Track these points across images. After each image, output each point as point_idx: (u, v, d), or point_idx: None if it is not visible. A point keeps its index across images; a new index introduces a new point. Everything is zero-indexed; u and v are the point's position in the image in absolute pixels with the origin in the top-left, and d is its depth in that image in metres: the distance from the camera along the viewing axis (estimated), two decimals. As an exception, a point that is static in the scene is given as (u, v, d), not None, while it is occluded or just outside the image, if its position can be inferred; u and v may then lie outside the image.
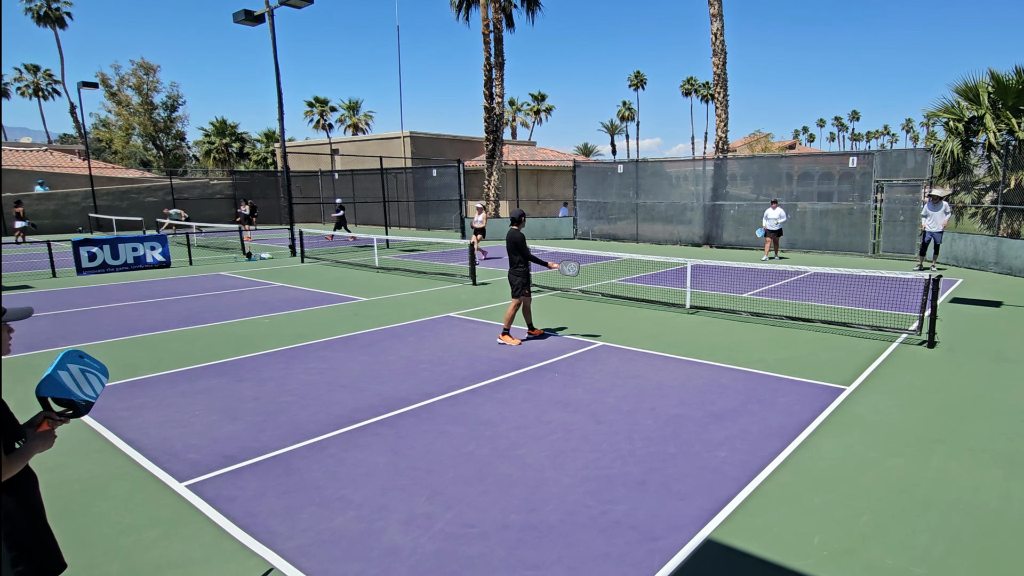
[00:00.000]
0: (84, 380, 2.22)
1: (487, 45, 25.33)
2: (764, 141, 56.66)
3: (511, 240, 7.74)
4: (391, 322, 9.18)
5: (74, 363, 2.21)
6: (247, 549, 3.40)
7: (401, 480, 4.18)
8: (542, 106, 71.44)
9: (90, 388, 2.24)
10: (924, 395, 5.77)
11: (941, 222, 13.42)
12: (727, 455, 4.50)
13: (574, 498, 3.90)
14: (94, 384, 2.26)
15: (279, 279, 13.99)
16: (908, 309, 9.32)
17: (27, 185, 30.50)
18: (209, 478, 4.25)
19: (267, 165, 48.51)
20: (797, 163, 19.94)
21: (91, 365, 2.26)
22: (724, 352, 7.29)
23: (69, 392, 2.16)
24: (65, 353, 2.22)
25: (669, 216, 21.42)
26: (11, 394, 6.09)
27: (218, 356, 7.40)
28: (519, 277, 7.76)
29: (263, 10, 17.95)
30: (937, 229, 13.49)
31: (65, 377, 2.16)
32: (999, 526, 3.54)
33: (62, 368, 2.16)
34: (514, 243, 7.72)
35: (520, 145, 42.06)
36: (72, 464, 4.53)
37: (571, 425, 5.10)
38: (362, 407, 5.58)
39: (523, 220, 7.91)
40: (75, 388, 2.19)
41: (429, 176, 27.16)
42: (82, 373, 2.22)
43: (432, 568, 3.20)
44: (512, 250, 7.74)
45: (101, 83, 43.11)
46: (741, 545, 3.38)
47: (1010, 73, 14.81)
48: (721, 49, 22.45)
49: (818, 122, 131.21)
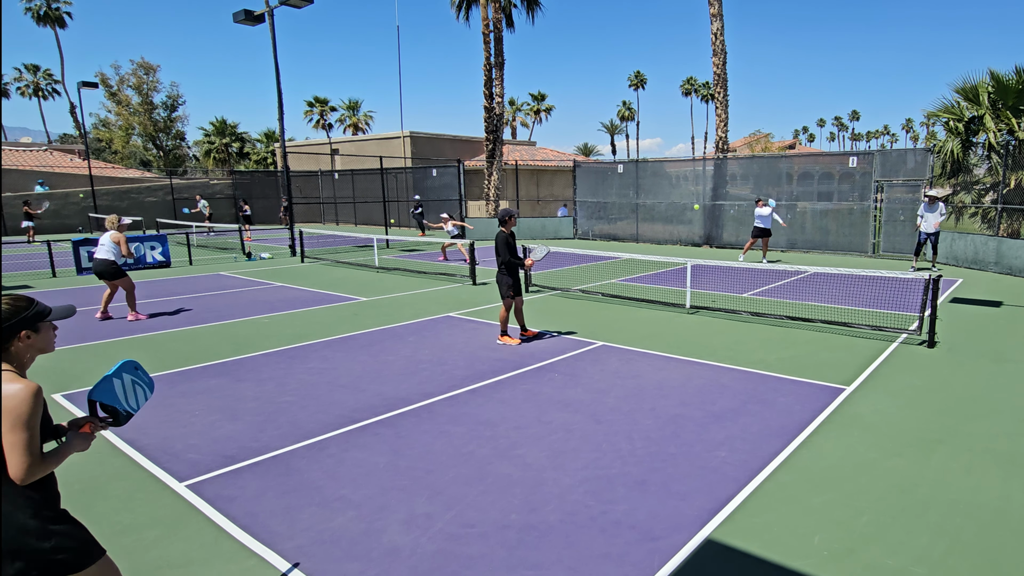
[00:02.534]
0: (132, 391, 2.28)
1: (487, 45, 25.34)
2: (764, 141, 56.69)
3: (495, 242, 7.67)
4: (391, 322, 9.18)
5: (129, 373, 2.27)
6: (247, 549, 3.40)
7: (401, 480, 4.18)
8: (542, 106, 71.47)
9: (135, 400, 2.30)
10: (924, 395, 5.77)
11: (934, 222, 13.32)
12: (727, 455, 4.50)
13: (574, 498, 3.90)
14: (139, 397, 2.32)
15: (279, 279, 13.99)
16: (908, 309, 9.32)
17: (27, 185, 30.49)
18: (209, 478, 4.25)
19: (267, 165, 48.51)
20: (797, 163, 19.92)
21: (142, 379, 2.34)
22: (724, 352, 7.29)
23: (116, 400, 2.21)
24: (123, 363, 2.28)
25: (669, 216, 21.42)
26: (11, 394, 6.10)
27: (218, 356, 7.40)
28: (505, 278, 7.65)
29: (263, 10, 17.94)
30: (931, 230, 13.41)
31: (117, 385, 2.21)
32: (999, 526, 3.54)
33: (117, 376, 2.22)
34: (496, 246, 7.66)
35: (520, 145, 42.06)
36: (71, 464, 4.51)
37: (571, 425, 5.10)
38: (362, 407, 5.58)
39: (510, 221, 7.66)
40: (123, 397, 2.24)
41: (429, 176, 27.15)
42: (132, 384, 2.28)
43: (432, 568, 3.20)
44: (496, 252, 7.69)
45: (101, 83, 43.10)
46: (741, 545, 3.38)
47: (1010, 73, 14.81)
48: (721, 49, 22.45)
49: (818, 122, 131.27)
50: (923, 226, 13.53)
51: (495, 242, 7.69)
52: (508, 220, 7.68)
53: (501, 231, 7.65)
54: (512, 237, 7.69)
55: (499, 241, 7.62)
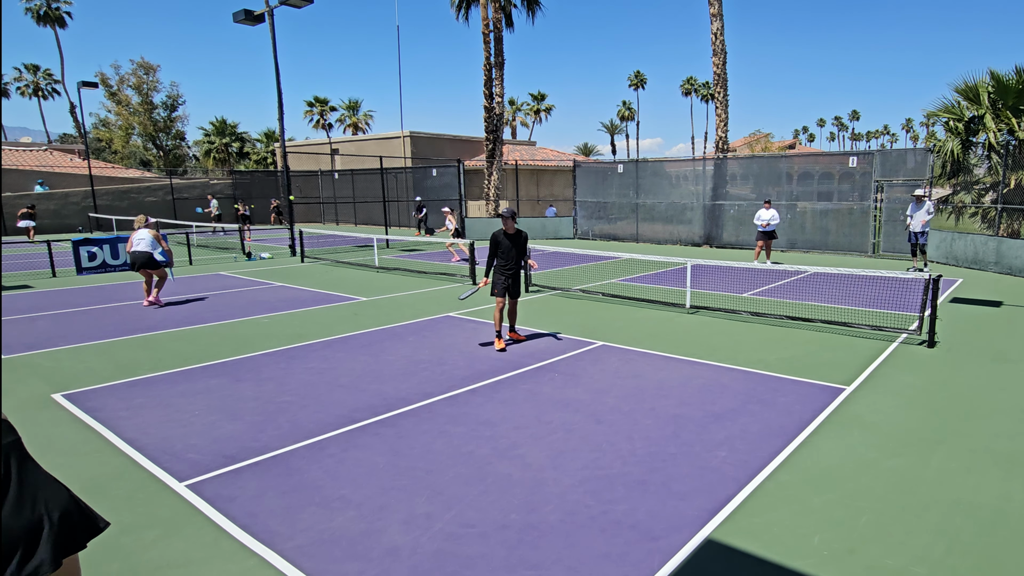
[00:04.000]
0: None
1: (487, 45, 25.34)
2: (764, 141, 56.72)
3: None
4: (391, 322, 9.18)
5: None
6: (247, 549, 3.40)
7: (401, 480, 4.18)
8: (542, 106, 71.48)
9: None
10: (924, 395, 5.77)
11: (920, 220, 13.18)
12: (727, 455, 4.50)
13: (574, 498, 3.90)
14: None
15: (279, 279, 13.99)
16: (908, 309, 9.32)
17: (27, 185, 30.49)
18: (209, 478, 4.25)
19: (267, 165, 48.53)
20: (797, 163, 19.93)
21: None
22: (724, 352, 7.29)
23: None
24: None
25: (669, 216, 21.42)
26: (12, 393, 6.09)
27: (218, 356, 7.40)
28: (496, 277, 7.50)
29: (263, 10, 17.94)
30: (918, 229, 13.28)
31: None
32: (999, 526, 3.54)
33: None
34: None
35: (520, 145, 42.06)
36: (72, 464, 4.52)
37: (571, 425, 5.10)
38: (362, 407, 5.58)
39: (506, 221, 7.44)
40: None
41: (429, 176, 27.16)
42: None
43: (432, 568, 3.20)
44: None
45: (101, 83, 43.13)
46: (741, 545, 3.38)
47: (1010, 73, 14.82)
48: (721, 49, 22.45)
49: (818, 122, 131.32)
50: (911, 225, 13.43)
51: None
52: (504, 219, 7.49)
53: (499, 230, 7.59)
54: (507, 236, 7.47)
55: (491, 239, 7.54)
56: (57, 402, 5.83)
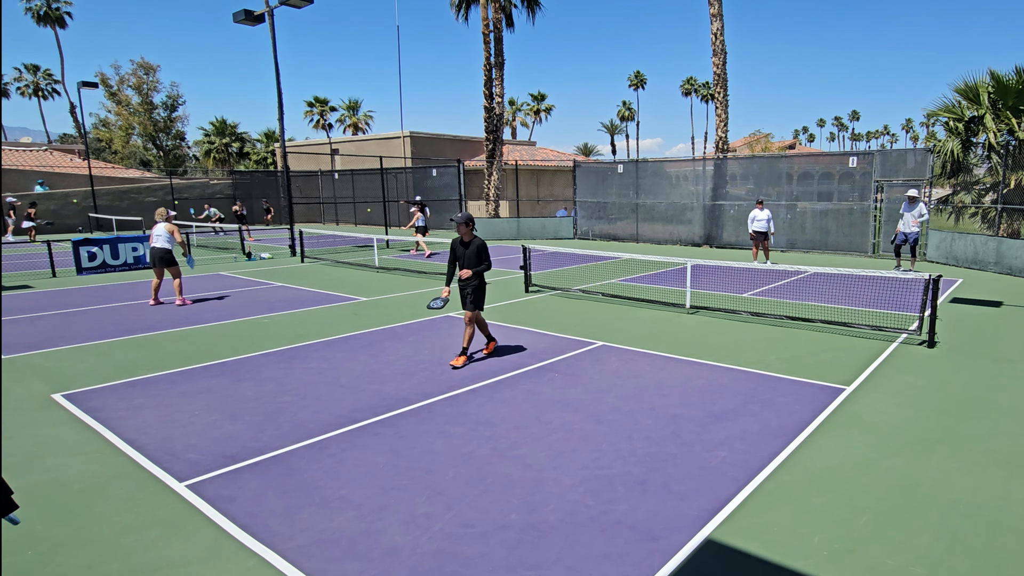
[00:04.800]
0: None
1: (487, 45, 25.35)
2: (764, 141, 56.70)
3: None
4: (391, 322, 9.18)
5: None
6: (247, 549, 3.40)
7: (401, 480, 4.18)
8: (542, 106, 71.48)
9: None
10: (924, 395, 5.77)
11: (911, 221, 13.03)
12: (727, 455, 4.50)
13: (574, 498, 3.90)
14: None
15: (279, 279, 13.99)
16: (908, 309, 9.32)
17: (27, 185, 30.49)
18: (209, 478, 4.25)
19: (267, 165, 48.52)
20: (797, 163, 19.92)
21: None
22: (724, 352, 7.29)
23: None
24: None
25: (669, 216, 21.42)
26: (12, 393, 6.09)
27: (218, 356, 7.40)
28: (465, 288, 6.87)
29: (263, 10, 17.95)
30: (907, 229, 13.14)
31: None
32: (999, 526, 3.54)
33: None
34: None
35: (520, 145, 42.07)
36: (72, 464, 4.52)
37: (571, 425, 5.10)
38: (362, 407, 5.58)
39: (459, 227, 6.73)
40: None
41: (429, 176, 27.16)
42: None
43: (432, 568, 3.20)
44: None
45: (101, 83, 43.16)
46: (741, 545, 3.38)
47: (1010, 73, 14.82)
48: (721, 49, 22.45)
49: (818, 122, 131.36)
50: (901, 225, 13.22)
51: None
52: (457, 225, 6.73)
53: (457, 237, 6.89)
54: (462, 243, 6.77)
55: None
56: (57, 402, 5.83)
